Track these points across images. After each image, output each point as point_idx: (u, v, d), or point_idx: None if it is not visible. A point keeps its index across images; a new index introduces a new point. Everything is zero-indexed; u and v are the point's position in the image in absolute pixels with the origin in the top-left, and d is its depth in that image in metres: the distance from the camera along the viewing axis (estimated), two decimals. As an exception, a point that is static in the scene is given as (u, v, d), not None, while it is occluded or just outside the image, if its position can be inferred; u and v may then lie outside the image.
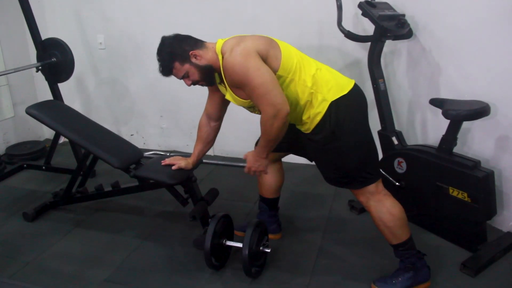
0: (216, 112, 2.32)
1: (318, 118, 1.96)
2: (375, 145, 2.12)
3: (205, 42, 2.07)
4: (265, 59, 1.90)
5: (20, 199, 3.18)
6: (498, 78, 2.49)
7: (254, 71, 1.84)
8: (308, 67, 1.97)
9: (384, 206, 2.06)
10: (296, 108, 1.99)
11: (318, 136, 2.00)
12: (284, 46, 2.00)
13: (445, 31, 2.70)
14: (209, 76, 2.03)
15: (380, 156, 2.70)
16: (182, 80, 2.08)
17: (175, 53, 2.01)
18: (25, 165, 3.48)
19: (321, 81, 1.95)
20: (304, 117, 2.00)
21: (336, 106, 1.94)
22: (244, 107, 2.10)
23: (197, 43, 2.04)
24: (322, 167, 2.15)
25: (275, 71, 1.91)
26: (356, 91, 2.03)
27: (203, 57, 2.00)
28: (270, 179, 2.49)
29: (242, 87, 1.93)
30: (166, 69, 2.05)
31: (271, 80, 1.85)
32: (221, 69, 1.96)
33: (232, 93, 2.02)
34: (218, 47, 1.98)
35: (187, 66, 2.01)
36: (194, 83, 2.08)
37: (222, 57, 1.95)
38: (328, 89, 1.95)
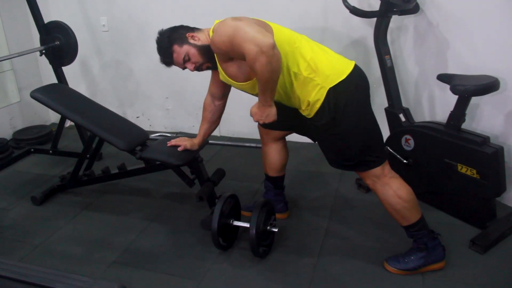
0: (219, 91, 2.32)
1: (318, 105, 1.93)
2: (378, 127, 2.07)
3: (202, 28, 2.12)
4: None
5: (28, 183, 3.20)
6: (507, 52, 2.44)
7: (237, 24, 1.80)
8: (303, 52, 1.93)
9: (391, 189, 2.03)
10: (290, 93, 1.97)
11: (319, 122, 1.97)
12: (277, 31, 1.94)
13: (452, 4, 2.65)
14: (209, 55, 2.01)
15: (387, 133, 2.68)
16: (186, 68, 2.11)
17: (173, 37, 2.07)
18: (32, 150, 3.49)
19: (317, 67, 1.91)
20: (303, 105, 1.98)
21: (334, 92, 1.91)
22: (241, 89, 2.09)
23: (193, 28, 2.11)
24: (325, 150, 2.13)
25: None
26: (355, 74, 1.97)
27: (200, 38, 2.05)
28: (274, 157, 2.49)
29: (229, 50, 1.86)
30: (166, 54, 2.09)
31: (249, 23, 1.79)
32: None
33: (224, 74, 2.03)
34: (212, 27, 1.98)
35: (186, 47, 2.05)
36: (198, 67, 2.09)
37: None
38: (325, 75, 1.91)
